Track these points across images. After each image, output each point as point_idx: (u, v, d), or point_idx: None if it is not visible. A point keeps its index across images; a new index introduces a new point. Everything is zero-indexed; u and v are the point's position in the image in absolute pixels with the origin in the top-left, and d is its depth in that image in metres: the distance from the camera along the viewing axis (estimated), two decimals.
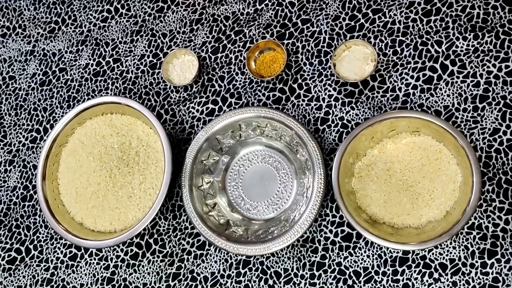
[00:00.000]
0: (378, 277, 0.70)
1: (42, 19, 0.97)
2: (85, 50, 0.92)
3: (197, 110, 0.83)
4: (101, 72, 0.90)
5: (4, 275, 0.85)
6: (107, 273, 0.80)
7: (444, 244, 0.69)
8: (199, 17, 0.88)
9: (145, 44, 0.89)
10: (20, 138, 0.91)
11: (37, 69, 0.94)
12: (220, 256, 0.77)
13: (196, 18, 0.88)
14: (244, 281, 0.75)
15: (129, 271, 0.80)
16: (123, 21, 0.91)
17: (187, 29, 0.88)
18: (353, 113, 0.77)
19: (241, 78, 0.83)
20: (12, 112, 0.93)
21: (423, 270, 0.69)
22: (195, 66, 0.84)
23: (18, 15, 0.98)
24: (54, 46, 0.94)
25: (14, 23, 0.98)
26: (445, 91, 0.74)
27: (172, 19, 0.89)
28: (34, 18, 0.97)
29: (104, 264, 0.81)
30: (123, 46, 0.90)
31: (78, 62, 0.92)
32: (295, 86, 0.80)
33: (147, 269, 0.79)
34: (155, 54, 0.88)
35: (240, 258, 0.76)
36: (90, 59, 0.91)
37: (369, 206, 0.71)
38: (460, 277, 0.68)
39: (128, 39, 0.90)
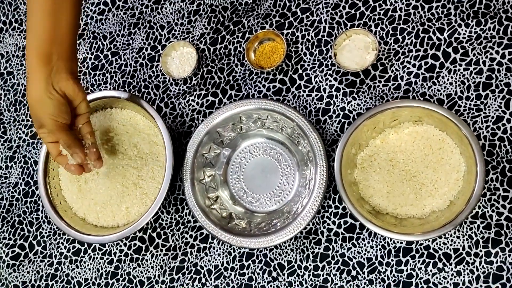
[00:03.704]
0: (382, 268, 0.70)
1: None
2: (82, 44, 0.91)
3: (197, 103, 0.83)
4: (99, 66, 0.89)
5: (8, 271, 0.85)
6: (111, 267, 0.81)
7: (448, 234, 0.69)
8: (197, 8, 0.86)
9: (143, 36, 0.88)
10: (20, 134, 0.91)
11: None
12: (223, 249, 0.77)
13: (194, 9, 0.87)
14: (248, 274, 0.75)
15: (132, 265, 0.80)
16: (120, 14, 0.90)
17: (185, 21, 0.87)
18: (354, 103, 0.76)
19: (241, 69, 0.82)
20: (12, 108, 0.93)
21: (427, 260, 0.69)
22: (194, 58, 0.83)
23: (14, 9, 0.97)
24: None
25: (11, 17, 0.97)
26: (448, 79, 0.73)
27: (169, 10, 0.88)
28: None
29: (107, 258, 0.81)
30: (121, 39, 0.89)
31: (76, 56, 0.91)
32: (296, 76, 0.79)
33: (150, 263, 0.79)
34: (153, 46, 0.87)
35: (243, 251, 0.76)
36: (88, 53, 0.90)
37: (372, 197, 0.70)
38: (464, 266, 0.68)
39: (125, 32, 0.89)
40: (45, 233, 0.85)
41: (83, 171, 0.70)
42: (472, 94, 0.72)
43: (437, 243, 0.69)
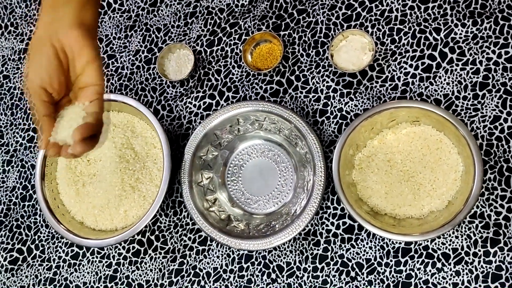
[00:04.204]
0: (381, 268, 0.70)
1: (34, 16, 0.95)
2: None
3: (194, 105, 0.83)
4: None
5: (6, 275, 0.85)
6: (109, 271, 0.80)
7: (447, 234, 0.69)
8: (193, 10, 0.86)
9: (140, 39, 0.88)
10: (17, 138, 0.91)
11: None
12: (222, 251, 0.76)
13: (190, 11, 0.86)
14: (247, 276, 0.75)
15: (131, 268, 0.80)
16: (116, 16, 0.90)
17: (181, 23, 0.86)
18: (352, 104, 0.76)
19: (238, 71, 0.82)
20: (8, 112, 0.92)
21: (426, 260, 0.69)
22: (190, 61, 0.83)
23: (9, 12, 0.97)
24: None
25: (6, 21, 0.97)
26: (445, 79, 0.73)
27: (166, 13, 0.88)
28: (26, 15, 0.96)
29: (106, 262, 0.81)
30: (117, 42, 0.89)
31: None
32: (293, 78, 0.79)
33: (149, 266, 0.79)
34: (149, 49, 0.87)
35: (242, 253, 0.76)
36: None
37: (370, 197, 0.70)
38: (463, 266, 0.68)
39: (122, 35, 0.89)
40: (43, 237, 0.85)
41: (58, 153, 0.50)
42: (469, 94, 0.72)
43: (436, 243, 0.69)
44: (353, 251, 0.72)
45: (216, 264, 0.76)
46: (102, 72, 0.50)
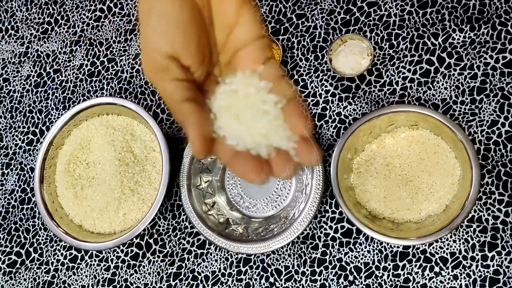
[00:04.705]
0: (379, 272, 0.70)
1: (35, 20, 0.96)
2: (79, 50, 0.91)
3: None
4: (95, 72, 0.89)
5: (5, 278, 0.85)
6: (108, 274, 0.80)
7: (444, 238, 0.69)
8: None
9: (140, 43, 0.88)
10: (16, 141, 0.91)
11: (31, 71, 0.93)
12: (220, 255, 0.77)
13: None
14: (245, 279, 0.75)
15: (130, 271, 0.80)
16: (116, 20, 0.91)
17: None
18: (350, 108, 0.76)
19: None
20: (8, 114, 0.93)
21: (424, 264, 0.69)
22: None
23: (10, 16, 0.97)
24: (47, 47, 0.93)
25: (7, 24, 0.97)
26: (442, 84, 0.74)
27: None
28: (26, 19, 0.96)
29: (104, 265, 0.81)
30: (117, 46, 0.89)
31: (72, 63, 0.91)
32: (291, 82, 0.79)
33: (147, 269, 0.79)
34: None
35: (240, 257, 0.76)
36: (84, 60, 0.91)
37: (368, 201, 0.70)
38: (461, 270, 0.68)
39: (122, 38, 0.89)
40: (42, 240, 0.85)
41: (261, 173, 0.31)
42: (466, 99, 0.72)
43: (433, 247, 0.69)
44: (351, 255, 0.72)
45: (215, 268, 0.76)
46: (263, 22, 0.32)
